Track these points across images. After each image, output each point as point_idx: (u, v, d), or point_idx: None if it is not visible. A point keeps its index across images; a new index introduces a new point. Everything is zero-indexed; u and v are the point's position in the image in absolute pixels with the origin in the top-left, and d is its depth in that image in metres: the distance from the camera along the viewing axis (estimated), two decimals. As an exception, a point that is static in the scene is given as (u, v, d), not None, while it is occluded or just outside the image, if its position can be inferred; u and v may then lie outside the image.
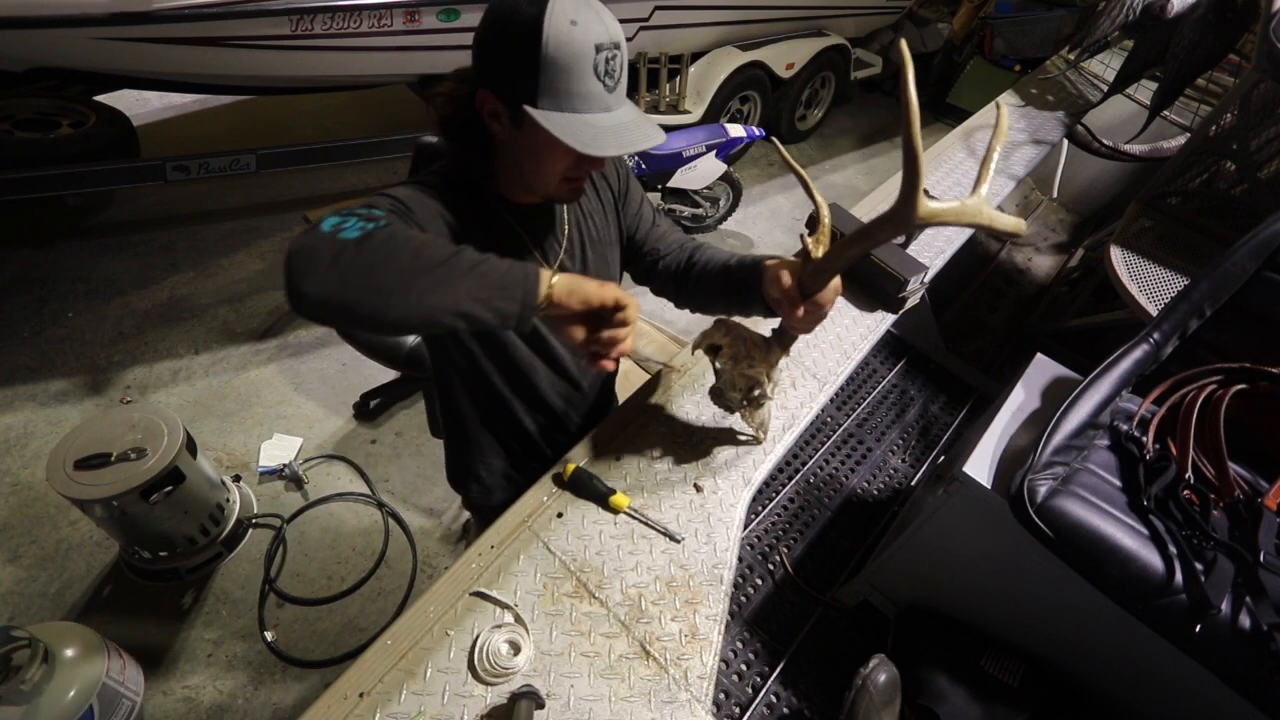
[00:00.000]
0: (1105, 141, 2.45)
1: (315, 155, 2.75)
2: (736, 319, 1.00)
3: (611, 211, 1.03)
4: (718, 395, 1.05)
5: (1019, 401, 1.19)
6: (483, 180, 0.87)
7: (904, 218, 0.68)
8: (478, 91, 0.77)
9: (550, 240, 0.94)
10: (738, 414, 1.06)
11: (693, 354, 1.05)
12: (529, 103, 0.73)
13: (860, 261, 1.41)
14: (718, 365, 1.01)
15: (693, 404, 1.15)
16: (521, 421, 1.10)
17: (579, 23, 0.70)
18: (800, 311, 0.83)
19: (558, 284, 0.71)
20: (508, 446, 1.16)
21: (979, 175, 0.70)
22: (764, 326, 0.99)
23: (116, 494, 1.55)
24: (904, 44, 0.66)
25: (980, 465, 1.05)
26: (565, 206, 0.96)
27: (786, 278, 0.84)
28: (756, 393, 0.97)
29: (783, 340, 0.94)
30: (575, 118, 0.73)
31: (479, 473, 1.18)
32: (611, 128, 0.75)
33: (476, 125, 0.81)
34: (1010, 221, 0.70)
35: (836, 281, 0.83)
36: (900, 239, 1.52)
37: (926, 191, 0.67)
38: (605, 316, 0.75)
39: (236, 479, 2.07)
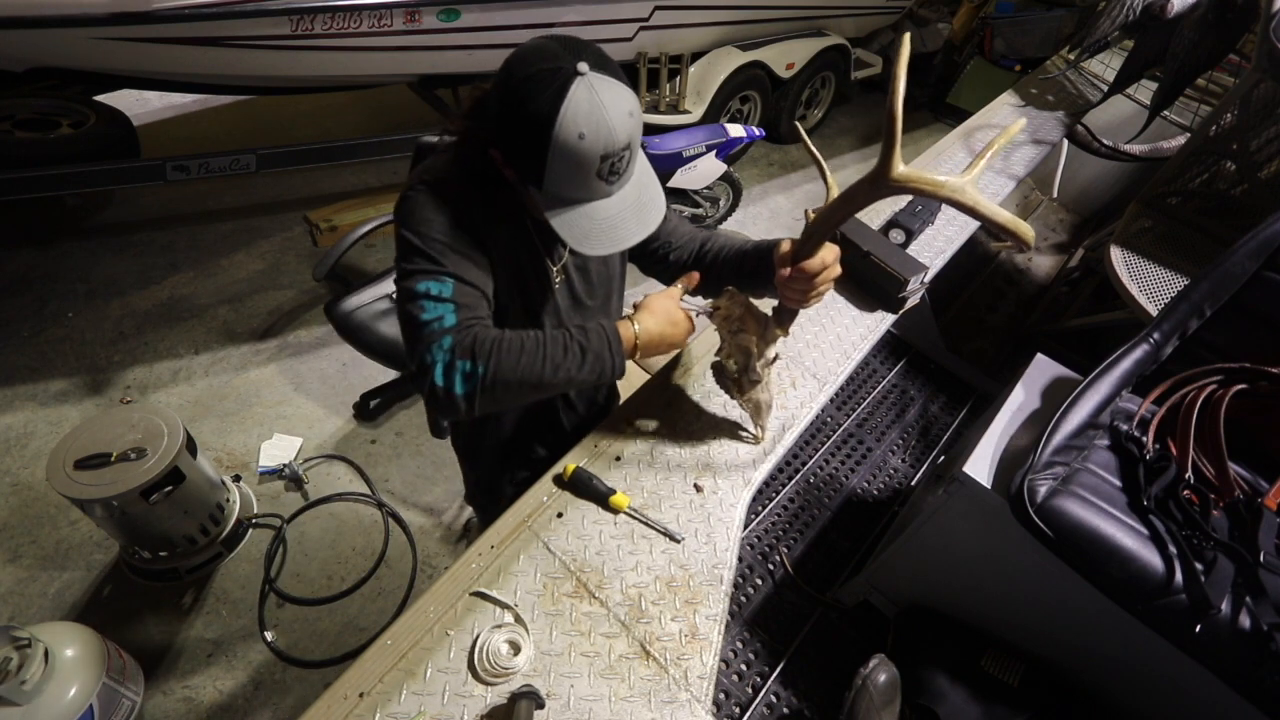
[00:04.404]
0: (1105, 141, 2.45)
1: (315, 155, 2.74)
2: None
3: None
4: (719, 371, 1.05)
5: (1019, 401, 1.19)
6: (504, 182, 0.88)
7: (880, 179, 0.72)
8: (491, 148, 0.80)
9: (558, 245, 0.97)
10: (737, 401, 1.06)
11: (697, 316, 1.04)
12: (534, 185, 0.77)
13: (860, 261, 1.41)
14: (718, 333, 1.01)
15: (693, 404, 1.15)
16: (559, 417, 1.17)
17: (587, 136, 0.71)
18: (787, 272, 0.86)
19: (643, 344, 0.85)
20: (537, 450, 1.20)
21: (974, 160, 0.71)
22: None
23: (116, 494, 1.55)
24: (906, 36, 0.70)
25: (980, 465, 1.05)
26: None
27: (786, 245, 0.88)
28: (748, 370, 0.98)
29: (780, 318, 0.94)
30: (573, 211, 0.78)
31: (505, 489, 1.22)
32: (610, 218, 0.80)
33: (492, 169, 0.83)
34: (1006, 216, 0.68)
35: (829, 257, 0.85)
36: (900, 239, 1.52)
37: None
38: None
39: (236, 479, 2.07)
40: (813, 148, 0.88)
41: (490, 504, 1.29)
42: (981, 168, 0.71)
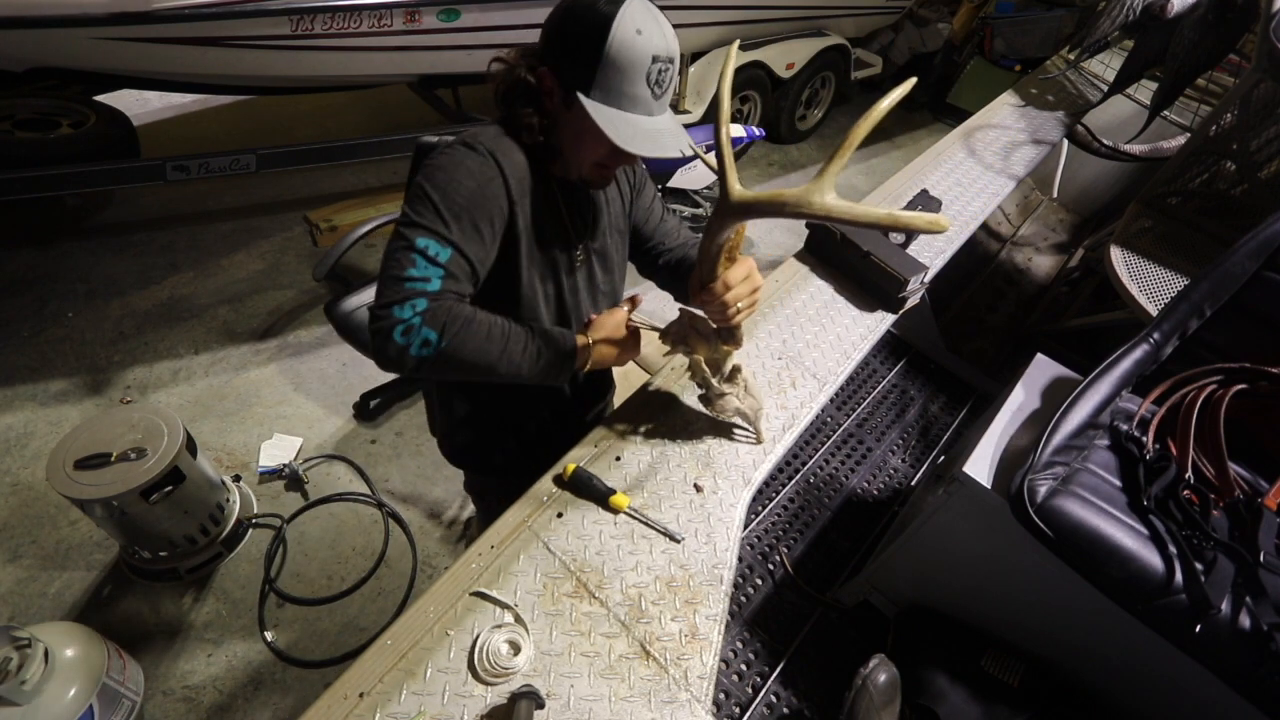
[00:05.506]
0: (1105, 141, 2.45)
1: (315, 155, 2.74)
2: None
3: (627, 202, 1.07)
4: (696, 386, 1.06)
5: (1019, 401, 1.18)
6: (536, 143, 0.89)
7: (723, 206, 0.74)
8: (539, 67, 0.84)
9: (580, 219, 0.99)
10: (711, 413, 1.07)
11: (659, 340, 1.04)
12: (582, 90, 0.81)
13: (860, 261, 1.41)
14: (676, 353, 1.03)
15: (693, 404, 1.15)
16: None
17: (644, 32, 0.78)
18: (698, 299, 0.89)
19: (595, 360, 0.90)
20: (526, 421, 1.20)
21: (825, 164, 0.61)
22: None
23: (116, 494, 1.55)
24: (732, 47, 0.84)
25: (980, 465, 1.05)
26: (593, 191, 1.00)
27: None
28: (709, 385, 0.99)
29: (722, 334, 0.95)
30: (619, 114, 0.81)
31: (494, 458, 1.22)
32: (649, 130, 0.83)
33: (533, 96, 0.86)
34: (875, 215, 0.57)
35: (734, 277, 0.86)
36: (900, 239, 1.52)
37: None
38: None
39: (236, 479, 2.07)
40: (699, 150, 0.93)
41: (476, 471, 1.29)
42: (834, 172, 0.61)
